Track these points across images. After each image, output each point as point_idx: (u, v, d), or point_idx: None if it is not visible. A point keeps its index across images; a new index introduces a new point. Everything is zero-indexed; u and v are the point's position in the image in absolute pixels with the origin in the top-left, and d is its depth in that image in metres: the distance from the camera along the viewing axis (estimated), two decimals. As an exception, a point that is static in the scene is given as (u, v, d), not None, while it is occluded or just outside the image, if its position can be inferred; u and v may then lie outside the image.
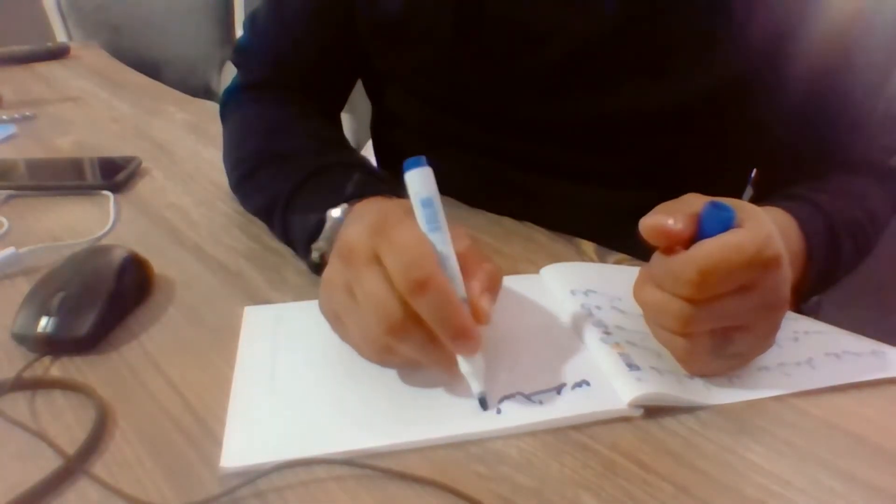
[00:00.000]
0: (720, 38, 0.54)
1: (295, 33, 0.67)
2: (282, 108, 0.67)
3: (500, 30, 0.59)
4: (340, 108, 0.75)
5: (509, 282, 0.52)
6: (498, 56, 0.60)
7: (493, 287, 0.41)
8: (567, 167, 0.64)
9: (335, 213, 0.50)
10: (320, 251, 0.51)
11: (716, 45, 0.54)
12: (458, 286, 0.39)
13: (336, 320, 0.42)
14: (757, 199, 0.69)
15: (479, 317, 0.39)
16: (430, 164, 0.39)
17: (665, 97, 0.57)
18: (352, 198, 0.50)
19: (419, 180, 0.39)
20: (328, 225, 0.50)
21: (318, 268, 0.51)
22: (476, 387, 0.39)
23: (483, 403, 0.39)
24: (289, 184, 0.56)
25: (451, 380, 0.41)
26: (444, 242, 0.39)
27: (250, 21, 0.71)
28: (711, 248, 0.36)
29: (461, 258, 0.40)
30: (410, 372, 0.42)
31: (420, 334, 0.37)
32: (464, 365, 0.39)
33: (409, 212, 0.40)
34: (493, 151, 0.66)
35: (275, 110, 0.67)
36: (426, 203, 0.39)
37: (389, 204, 0.43)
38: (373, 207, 0.45)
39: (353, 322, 0.40)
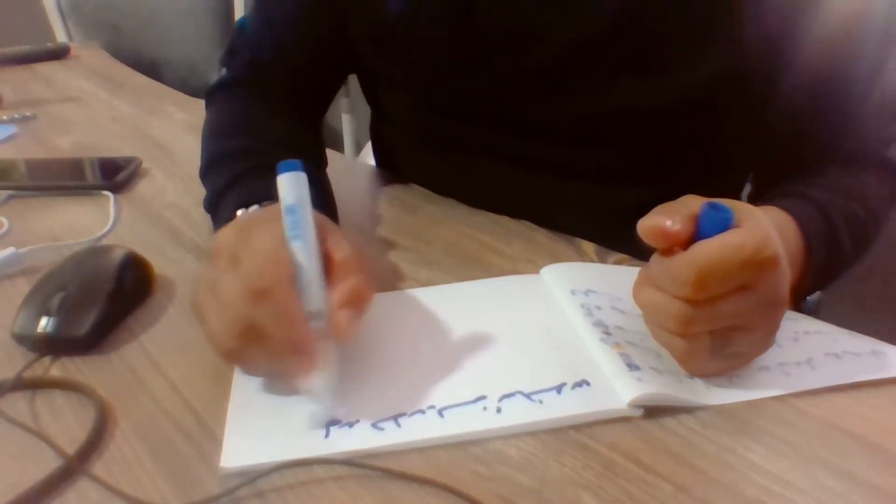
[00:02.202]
0: (715, 35, 0.54)
1: (279, 39, 0.68)
2: (246, 106, 0.67)
3: (495, 31, 0.59)
4: (323, 111, 0.75)
5: (509, 282, 0.53)
6: (493, 57, 0.60)
7: (357, 301, 0.39)
8: (566, 166, 0.64)
9: (247, 211, 0.50)
10: None
11: (711, 41, 0.54)
12: (316, 298, 0.38)
13: (200, 318, 0.41)
14: (756, 195, 0.69)
15: (334, 332, 0.38)
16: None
17: (662, 94, 0.57)
18: (266, 199, 0.50)
19: (287, 186, 0.38)
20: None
21: None
22: (319, 409, 0.38)
23: (316, 420, 0.38)
24: (221, 183, 0.56)
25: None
26: (305, 251, 0.38)
27: (241, 24, 0.71)
28: (709, 249, 0.36)
29: (335, 268, 0.39)
30: (409, 372, 0.42)
31: (265, 342, 0.37)
32: (309, 380, 0.38)
33: (278, 218, 0.39)
34: (492, 151, 0.66)
35: (237, 109, 0.67)
36: (290, 210, 0.38)
37: (267, 209, 0.42)
38: (250, 212, 0.45)
39: (209, 321, 0.39)
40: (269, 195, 0.49)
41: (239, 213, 0.50)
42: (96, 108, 0.99)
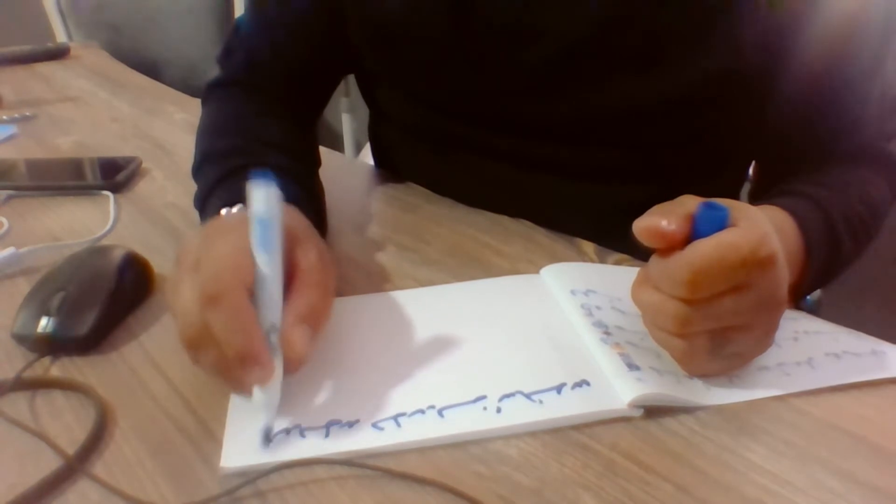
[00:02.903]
0: (713, 32, 0.54)
1: (275, 39, 0.68)
2: (238, 107, 0.67)
3: (493, 28, 0.59)
4: (319, 112, 0.75)
5: (509, 282, 0.53)
6: (491, 55, 0.60)
7: (313, 318, 0.39)
8: (565, 165, 0.64)
9: (232, 211, 0.49)
10: None
11: (709, 39, 0.54)
12: (275, 311, 0.38)
13: (171, 313, 0.41)
14: (755, 193, 0.69)
15: (287, 347, 0.38)
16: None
17: (660, 92, 0.57)
18: (245, 201, 0.50)
19: (256, 197, 0.38)
20: None
21: None
22: (263, 417, 0.37)
23: (265, 435, 0.37)
24: (208, 183, 0.56)
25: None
26: (269, 264, 0.38)
27: (236, 25, 0.71)
28: (705, 248, 0.36)
29: (298, 280, 0.40)
30: (409, 372, 0.42)
31: (216, 349, 0.37)
32: (256, 392, 0.37)
33: (242, 228, 0.39)
34: (490, 150, 0.66)
35: (229, 109, 0.67)
36: (260, 222, 0.38)
37: (236, 215, 0.43)
38: (220, 218, 0.45)
39: (175, 322, 0.39)
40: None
41: (223, 211, 0.49)
42: (96, 108, 0.99)
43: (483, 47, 0.60)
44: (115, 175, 0.71)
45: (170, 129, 0.89)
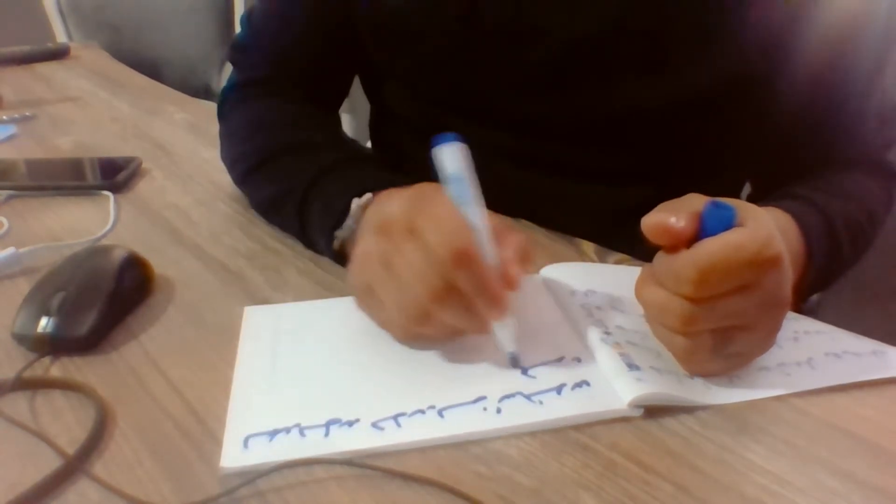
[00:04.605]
0: (718, 35, 0.54)
1: (293, 30, 0.67)
2: (286, 104, 0.67)
3: (496, 27, 0.59)
4: (339, 105, 0.75)
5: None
6: (495, 52, 0.60)
7: (524, 256, 0.43)
8: (567, 164, 0.64)
9: (359, 201, 0.51)
10: (341, 239, 0.51)
11: (714, 41, 0.55)
12: (491, 256, 0.41)
13: (367, 293, 0.43)
14: (755, 197, 0.69)
15: (510, 283, 0.41)
16: (462, 140, 0.41)
17: (664, 93, 0.57)
18: (374, 189, 0.51)
19: (449, 156, 0.41)
20: (353, 212, 0.50)
21: (337, 256, 0.53)
22: (509, 347, 0.42)
23: (514, 362, 0.42)
24: (306, 175, 0.56)
25: (483, 341, 0.43)
26: (476, 215, 0.41)
27: (247, 18, 0.71)
28: (712, 247, 0.36)
29: (493, 229, 0.42)
30: (409, 372, 0.42)
31: (459, 301, 0.40)
32: (498, 328, 0.42)
33: (441, 189, 0.41)
34: (492, 149, 0.66)
35: (280, 106, 0.67)
36: (456, 178, 0.41)
37: (419, 185, 0.44)
38: (403, 190, 0.46)
39: (390, 292, 0.41)
40: (378, 186, 0.50)
41: (358, 201, 0.50)
42: (96, 108, 0.99)
43: (487, 45, 0.60)
44: (115, 175, 0.71)
45: (170, 129, 0.89)
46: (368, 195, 0.50)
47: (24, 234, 0.61)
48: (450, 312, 0.40)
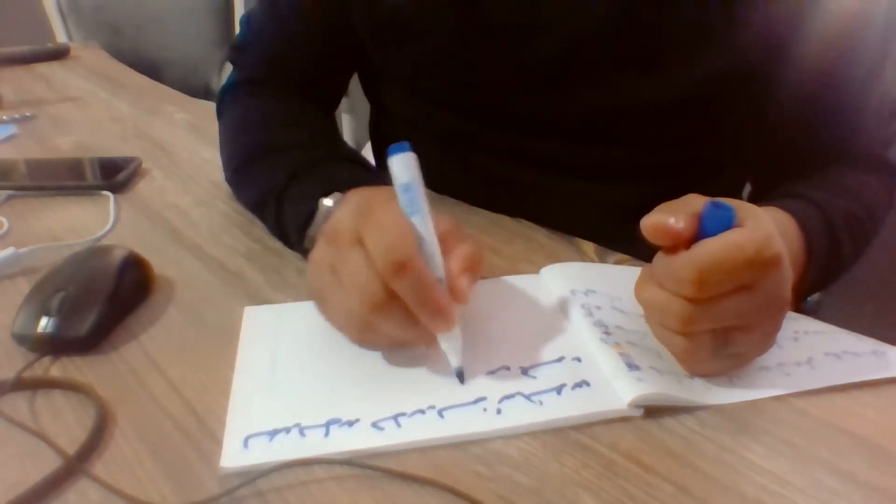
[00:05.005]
0: (715, 32, 0.54)
1: (290, 31, 0.68)
2: (278, 103, 0.68)
3: (496, 25, 0.59)
4: (336, 104, 0.76)
5: (509, 282, 0.53)
6: (494, 50, 0.60)
7: (473, 267, 0.42)
8: (567, 163, 0.64)
9: (327, 202, 0.51)
10: (312, 238, 0.51)
11: (710, 38, 0.55)
12: (438, 267, 0.41)
13: (320, 299, 0.43)
14: (755, 195, 0.69)
15: (457, 296, 0.41)
16: (415, 151, 0.41)
17: (662, 91, 0.57)
18: (343, 188, 0.51)
19: (400, 165, 0.41)
20: (320, 213, 0.51)
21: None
22: (454, 361, 0.41)
23: (460, 377, 0.41)
24: (282, 175, 0.56)
25: (432, 354, 0.42)
26: (423, 225, 0.41)
27: (246, 19, 0.71)
28: (712, 248, 0.36)
29: (442, 239, 0.41)
30: (409, 372, 0.42)
31: (400, 312, 0.39)
32: (442, 341, 0.41)
33: (393, 197, 0.41)
34: (491, 147, 0.66)
35: (271, 105, 0.68)
36: (406, 188, 0.41)
37: (375, 190, 0.45)
38: (360, 193, 0.47)
39: (337, 300, 0.41)
40: (348, 184, 0.50)
41: (326, 201, 0.51)
42: (96, 108, 0.99)
43: (486, 43, 0.60)
44: (115, 175, 0.71)
45: (170, 130, 0.89)
46: (336, 195, 0.51)
47: (24, 234, 0.61)
48: (391, 323, 0.40)
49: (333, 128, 0.69)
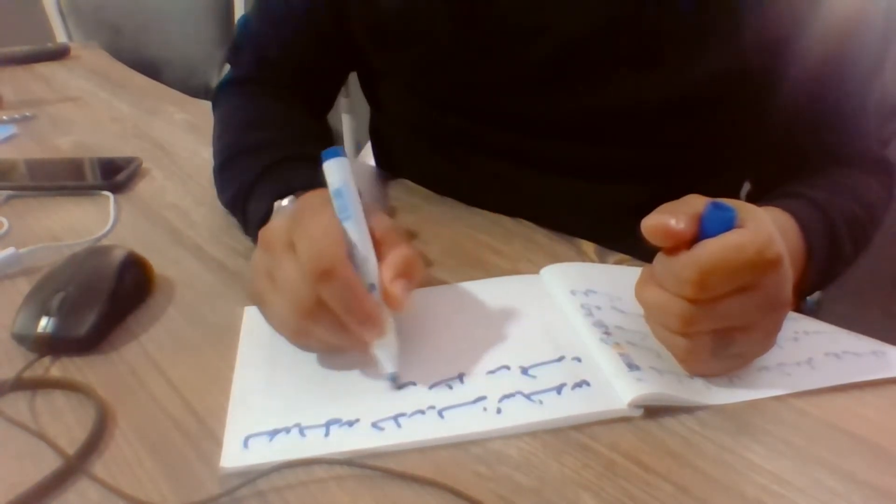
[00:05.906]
0: (713, 32, 0.54)
1: (282, 33, 0.68)
2: (265, 102, 0.68)
3: (495, 25, 0.59)
4: (330, 105, 0.76)
5: (509, 282, 0.53)
6: (493, 51, 0.60)
7: (408, 272, 0.42)
8: (567, 163, 0.64)
9: (283, 203, 0.51)
10: None
11: (710, 38, 0.55)
12: (370, 272, 0.41)
13: (260, 303, 0.43)
14: (755, 195, 0.69)
15: (390, 303, 0.41)
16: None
17: (661, 91, 0.57)
18: (300, 189, 0.51)
19: (333, 170, 0.41)
20: (275, 215, 0.51)
21: None
22: (388, 367, 0.41)
23: (394, 381, 0.41)
24: (250, 176, 0.57)
25: (365, 360, 0.42)
26: (356, 230, 0.41)
27: (243, 21, 0.72)
28: (712, 248, 0.36)
29: (379, 244, 0.42)
30: (410, 371, 0.42)
31: (330, 318, 0.39)
32: (375, 347, 0.41)
33: (330, 202, 0.41)
34: (491, 148, 0.66)
35: (257, 104, 0.68)
36: (338, 193, 0.41)
37: (314, 194, 0.44)
38: (300, 198, 0.47)
39: (272, 305, 0.41)
40: (304, 185, 0.50)
41: (277, 204, 0.51)
42: (96, 108, 0.99)
43: (485, 44, 0.60)
44: (115, 175, 0.71)
45: (170, 130, 0.89)
46: (292, 197, 0.51)
47: (24, 234, 0.61)
48: (322, 329, 0.40)
49: (317, 127, 0.69)
